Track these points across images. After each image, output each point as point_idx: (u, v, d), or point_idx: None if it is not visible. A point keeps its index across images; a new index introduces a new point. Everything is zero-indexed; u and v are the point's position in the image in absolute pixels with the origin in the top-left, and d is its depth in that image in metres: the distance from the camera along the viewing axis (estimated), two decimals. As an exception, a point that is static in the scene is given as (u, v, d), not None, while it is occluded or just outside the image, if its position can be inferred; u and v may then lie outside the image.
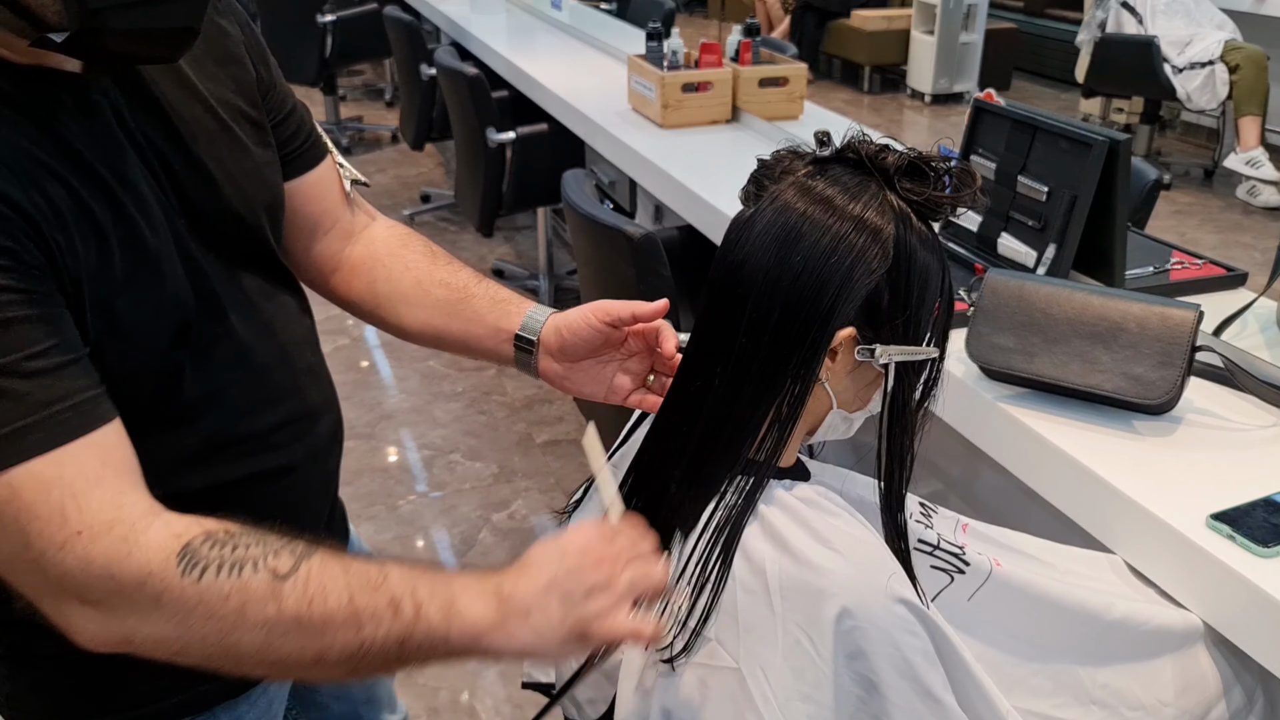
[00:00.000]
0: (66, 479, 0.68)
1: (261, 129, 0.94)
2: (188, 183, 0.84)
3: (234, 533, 0.72)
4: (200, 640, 0.69)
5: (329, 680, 0.72)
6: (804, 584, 0.79)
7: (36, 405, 0.68)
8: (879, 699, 0.77)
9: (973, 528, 1.01)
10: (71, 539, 0.67)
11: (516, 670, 2.26)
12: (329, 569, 0.72)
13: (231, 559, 0.70)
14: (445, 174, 5.21)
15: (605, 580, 0.74)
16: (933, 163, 0.82)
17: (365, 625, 0.70)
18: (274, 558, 0.71)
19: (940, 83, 6.69)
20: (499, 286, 1.03)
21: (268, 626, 0.69)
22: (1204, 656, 1.00)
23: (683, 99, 2.60)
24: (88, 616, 0.69)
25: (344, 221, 1.07)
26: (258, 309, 0.92)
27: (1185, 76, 4.83)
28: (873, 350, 0.82)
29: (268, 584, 0.69)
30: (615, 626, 0.73)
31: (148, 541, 0.69)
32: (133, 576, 0.68)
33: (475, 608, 0.73)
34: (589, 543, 0.76)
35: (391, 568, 0.73)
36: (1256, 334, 1.45)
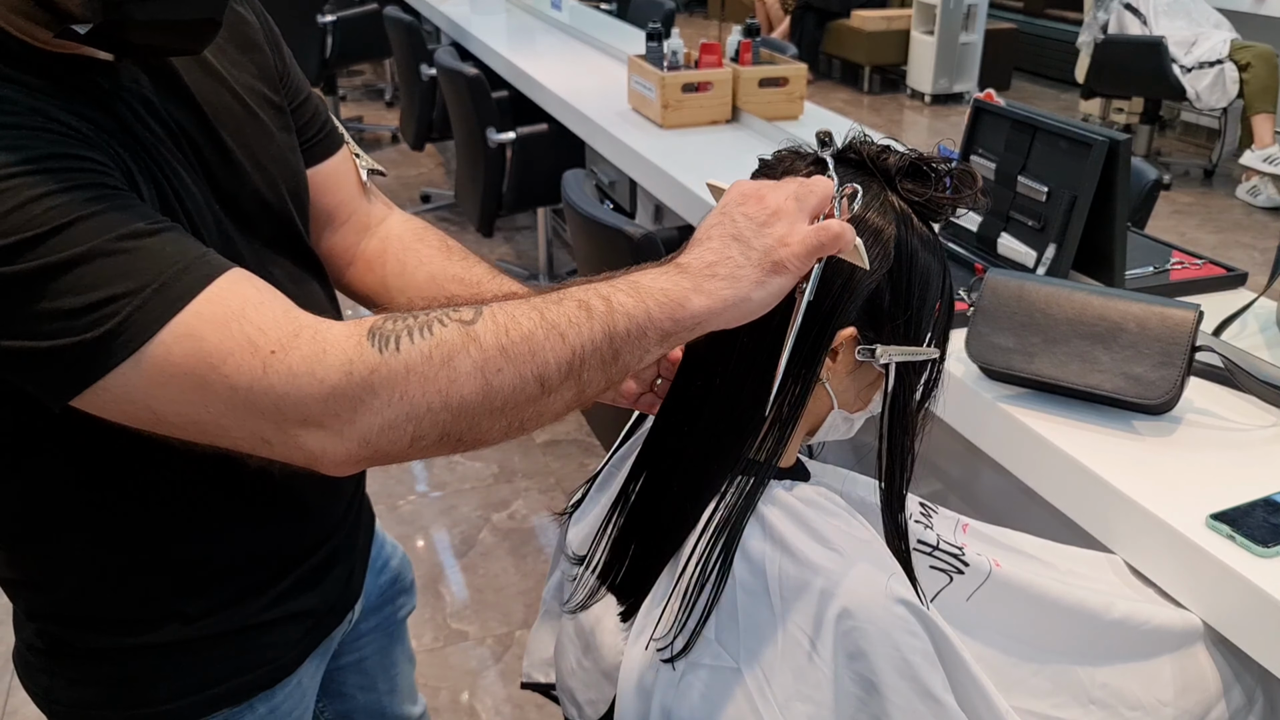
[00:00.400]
0: (235, 310, 0.67)
1: (283, 113, 0.94)
2: (217, 169, 0.84)
3: (409, 308, 0.71)
4: (427, 410, 0.68)
5: (568, 410, 0.70)
6: (804, 584, 0.79)
7: (175, 254, 0.68)
8: (879, 699, 0.77)
9: (973, 528, 1.01)
10: (269, 360, 0.66)
11: (517, 670, 2.26)
12: (509, 303, 0.71)
13: (418, 324, 0.69)
14: (445, 174, 5.21)
15: (774, 208, 0.73)
16: (934, 164, 0.82)
17: (567, 332, 0.69)
18: (455, 311, 0.70)
19: (940, 83, 6.70)
20: (512, 281, 1.01)
21: (480, 368, 0.68)
22: (1204, 656, 1.00)
23: (683, 99, 2.60)
24: (320, 438, 0.68)
25: (360, 213, 1.06)
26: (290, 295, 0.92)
27: (1194, 76, 4.84)
28: (873, 350, 0.82)
29: (460, 331, 0.68)
30: (802, 240, 0.71)
31: (334, 336, 0.68)
32: (338, 371, 0.67)
33: (662, 281, 0.71)
34: (744, 193, 0.75)
35: (568, 284, 0.73)
36: (1256, 334, 1.45)
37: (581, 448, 2.96)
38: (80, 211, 0.65)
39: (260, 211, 0.89)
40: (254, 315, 0.68)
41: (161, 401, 0.67)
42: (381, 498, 2.72)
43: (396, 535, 2.57)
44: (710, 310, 0.71)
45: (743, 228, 0.72)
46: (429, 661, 2.20)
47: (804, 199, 0.73)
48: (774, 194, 0.74)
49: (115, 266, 0.65)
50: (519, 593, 2.40)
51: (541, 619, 1.09)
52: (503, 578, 2.46)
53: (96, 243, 0.65)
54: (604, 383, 0.72)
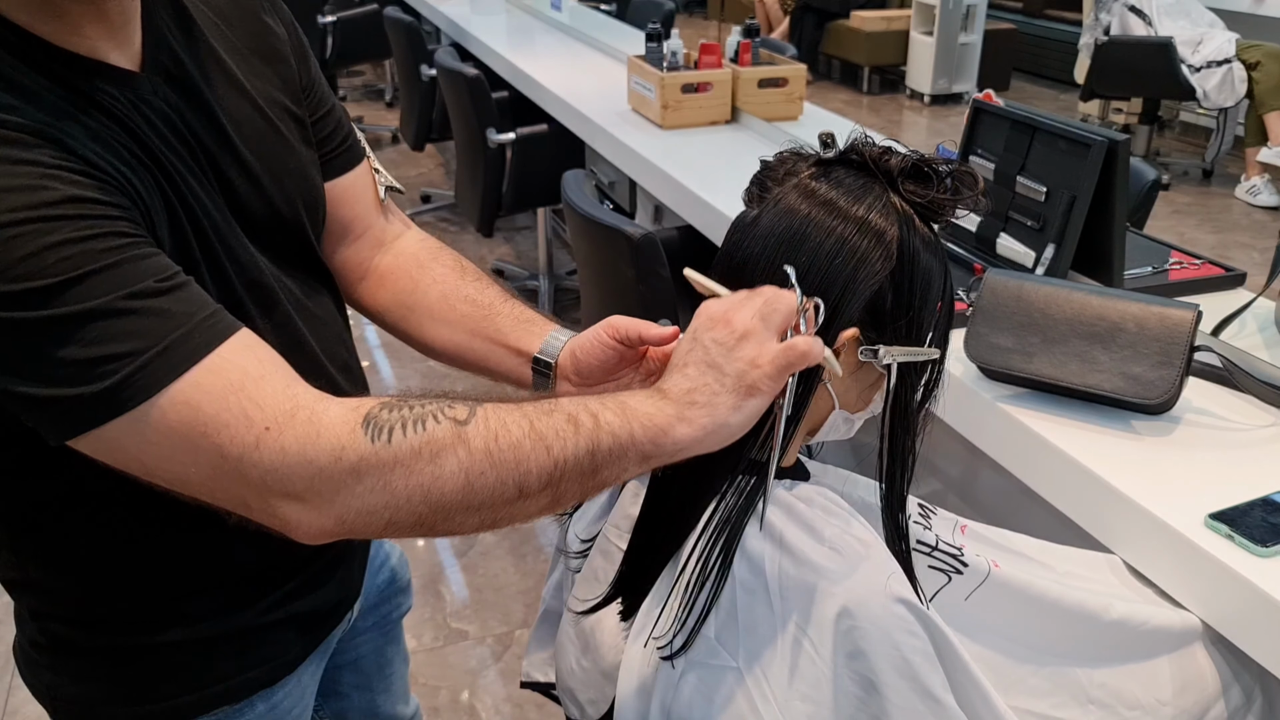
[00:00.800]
0: (235, 383, 0.69)
1: (304, 126, 0.94)
2: (236, 182, 0.85)
3: (404, 396, 0.73)
4: (406, 501, 0.70)
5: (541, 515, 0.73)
6: (804, 583, 0.79)
7: (188, 315, 0.69)
8: (878, 699, 0.77)
9: (971, 529, 1.01)
10: (262, 436, 0.68)
11: (517, 669, 2.26)
12: (502, 407, 0.73)
13: (413, 416, 0.71)
14: (445, 174, 5.21)
15: (742, 330, 0.74)
16: (935, 165, 0.83)
17: (553, 445, 0.71)
18: (450, 408, 0.72)
19: (939, 83, 6.70)
20: (525, 306, 1.02)
21: (464, 470, 0.70)
22: (1202, 656, 1.01)
23: (682, 100, 2.60)
24: (298, 510, 0.70)
25: (376, 228, 1.06)
26: (302, 306, 0.93)
27: (1203, 75, 4.85)
28: (876, 351, 0.82)
29: (452, 430, 0.70)
30: (772, 361, 0.73)
31: (330, 420, 0.70)
32: (328, 455, 0.68)
33: (647, 406, 0.73)
34: (712, 316, 0.76)
35: (559, 397, 0.74)
36: (1255, 334, 1.45)
37: (581, 448, 2.96)
38: (92, 265, 0.66)
39: (276, 225, 0.89)
40: (253, 389, 0.69)
41: (152, 457, 0.69)
42: (381, 498, 2.72)
43: (396, 535, 2.58)
44: (692, 438, 0.73)
45: (715, 354, 0.74)
46: (429, 661, 2.20)
47: (769, 317, 0.75)
48: (739, 315, 0.75)
49: (121, 325, 0.66)
50: (519, 592, 2.40)
51: (541, 618, 1.09)
52: (502, 577, 2.46)
53: (104, 300, 0.66)
54: (580, 495, 0.74)
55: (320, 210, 0.97)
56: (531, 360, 0.98)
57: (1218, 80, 4.82)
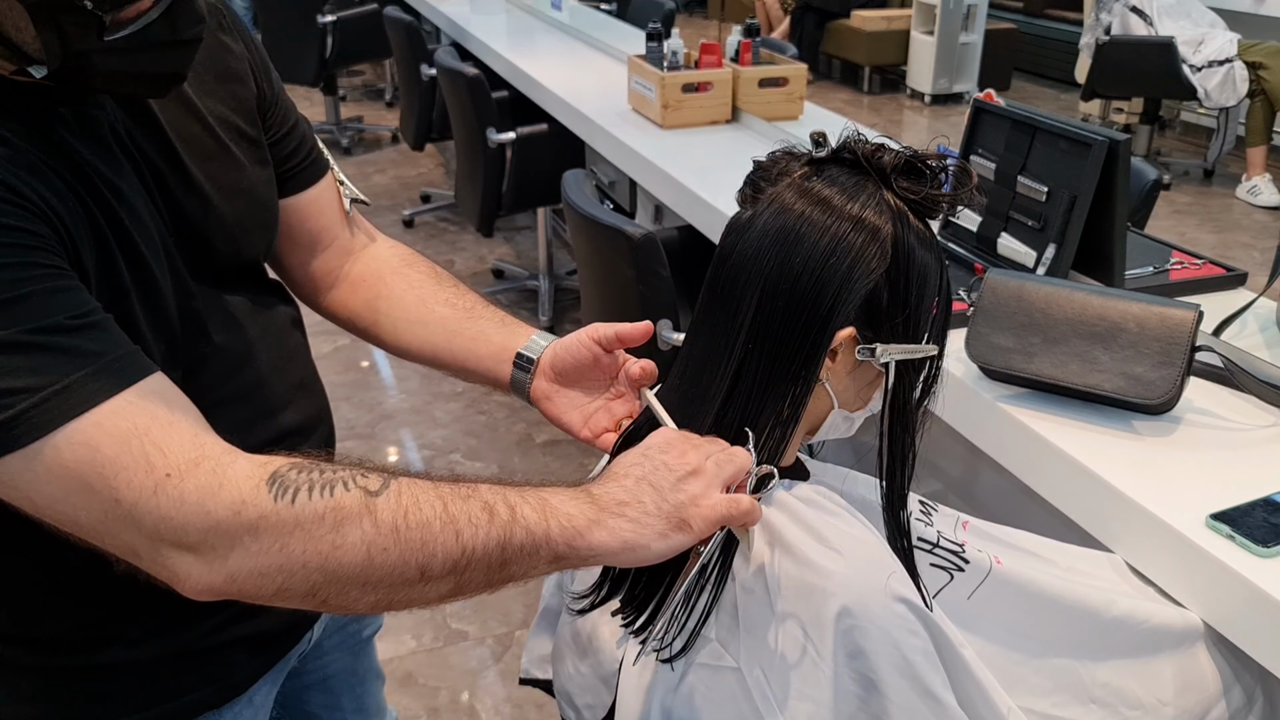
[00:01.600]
0: (142, 427, 0.67)
1: (259, 147, 0.94)
2: (182, 200, 0.84)
3: (317, 459, 0.71)
4: (302, 568, 0.68)
5: (440, 602, 0.71)
6: (804, 583, 0.79)
7: (90, 355, 0.67)
8: (879, 698, 0.77)
9: (973, 525, 1.01)
10: (162, 482, 0.66)
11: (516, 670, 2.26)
12: (418, 484, 0.71)
13: (322, 480, 0.69)
14: (445, 174, 5.21)
15: (693, 467, 0.74)
16: (929, 161, 0.82)
17: (463, 531, 0.69)
18: (362, 477, 0.70)
19: (940, 83, 6.70)
20: (505, 313, 1.03)
21: (367, 543, 0.68)
22: (1203, 656, 1.00)
23: (683, 99, 2.60)
24: (189, 563, 0.68)
25: (342, 239, 1.07)
26: (244, 327, 0.91)
27: (1204, 75, 4.85)
28: (873, 349, 0.82)
29: (361, 500, 0.68)
30: (712, 506, 0.73)
31: (235, 473, 0.68)
32: (227, 508, 0.67)
33: (569, 506, 0.72)
34: (669, 440, 0.77)
35: (479, 482, 0.73)
36: (1256, 334, 1.45)
37: (581, 448, 2.96)
38: (4, 295, 0.65)
39: (223, 243, 0.88)
40: (158, 434, 0.67)
41: (43, 496, 0.67)
42: (381, 498, 2.72)
43: (396, 535, 2.57)
44: (607, 547, 0.71)
45: (661, 477, 0.74)
46: (429, 661, 2.20)
47: (722, 465, 0.75)
48: (696, 451, 0.76)
49: (21, 360, 0.65)
50: (519, 592, 2.40)
51: (540, 615, 1.09)
52: (503, 578, 2.45)
53: (10, 332, 0.64)
54: (484, 586, 0.72)
55: (273, 229, 0.96)
56: (514, 355, 0.97)
57: (1219, 80, 4.82)
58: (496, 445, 2.92)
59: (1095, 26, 5.35)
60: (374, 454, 2.89)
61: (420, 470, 0.74)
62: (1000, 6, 7.44)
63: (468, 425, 3.03)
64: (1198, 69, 4.86)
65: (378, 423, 3.02)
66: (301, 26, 5.11)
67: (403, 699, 2.11)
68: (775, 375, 0.81)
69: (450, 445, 2.94)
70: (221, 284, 0.89)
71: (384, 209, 4.63)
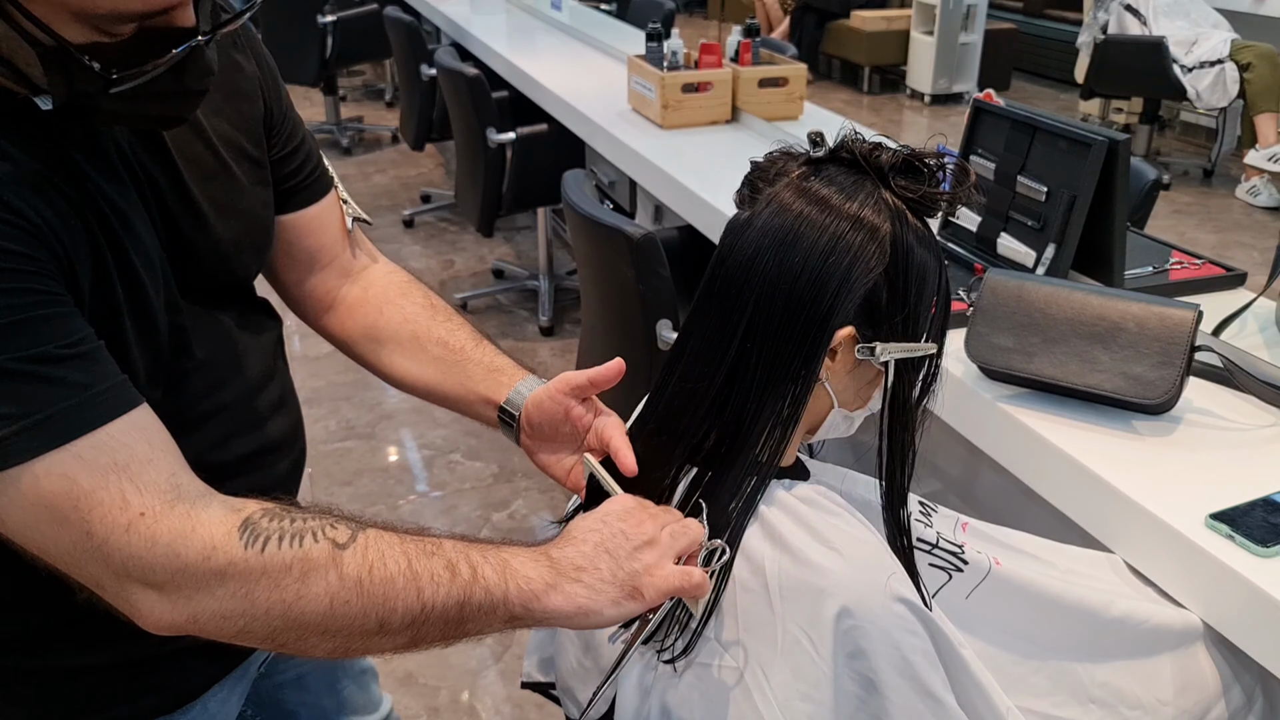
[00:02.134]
0: (120, 463, 0.68)
1: (260, 167, 0.94)
2: (180, 217, 0.84)
3: (290, 506, 0.73)
4: (265, 614, 0.70)
5: (395, 653, 0.74)
6: (804, 583, 0.79)
7: (76, 386, 0.68)
8: (878, 698, 0.77)
9: (972, 526, 1.01)
10: (135, 521, 0.68)
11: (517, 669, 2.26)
12: (385, 538, 0.73)
13: (292, 530, 0.71)
14: (445, 174, 5.21)
15: (649, 537, 0.77)
16: (927, 159, 0.82)
17: (425, 588, 0.71)
18: (331, 529, 0.72)
19: (940, 83, 6.69)
20: (495, 352, 1.03)
21: (330, 594, 0.70)
22: (1203, 656, 1.00)
23: (682, 99, 2.60)
24: (153, 600, 0.69)
25: (342, 259, 1.07)
26: (229, 344, 0.92)
27: (1195, 76, 4.85)
28: (872, 348, 0.82)
29: (328, 552, 0.70)
30: (665, 577, 0.75)
31: (209, 517, 0.70)
32: (197, 552, 0.68)
33: (529, 569, 0.74)
34: (627, 509, 0.79)
35: (443, 538, 0.75)
36: (1255, 334, 1.45)
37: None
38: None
39: (216, 262, 0.89)
40: (136, 471, 0.69)
41: (15, 520, 0.68)
42: (381, 497, 2.72)
43: (396, 535, 2.58)
44: (562, 611, 0.74)
45: (618, 545, 0.76)
46: (429, 661, 2.20)
47: (677, 537, 0.78)
48: (652, 521, 0.78)
49: (10, 387, 0.66)
50: (519, 593, 2.40)
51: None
52: (503, 578, 2.45)
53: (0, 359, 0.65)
54: (440, 640, 0.75)
55: (266, 250, 0.97)
56: (498, 410, 1.00)
57: (1209, 81, 4.82)
58: (496, 445, 2.92)
59: (1093, 25, 5.35)
60: (374, 454, 2.90)
61: (386, 521, 0.76)
62: (1000, 6, 7.44)
63: (467, 425, 3.02)
64: (1189, 69, 4.86)
65: (378, 423, 3.01)
66: (301, 26, 5.10)
67: (403, 699, 2.11)
68: (775, 374, 0.81)
69: (450, 445, 2.94)
70: (209, 301, 0.89)
71: (384, 209, 4.63)
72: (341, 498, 2.71)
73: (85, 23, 0.64)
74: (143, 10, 0.66)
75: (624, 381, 0.96)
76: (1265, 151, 4.73)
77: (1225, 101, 4.85)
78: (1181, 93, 4.92)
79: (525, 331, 3.64)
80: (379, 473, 2.83)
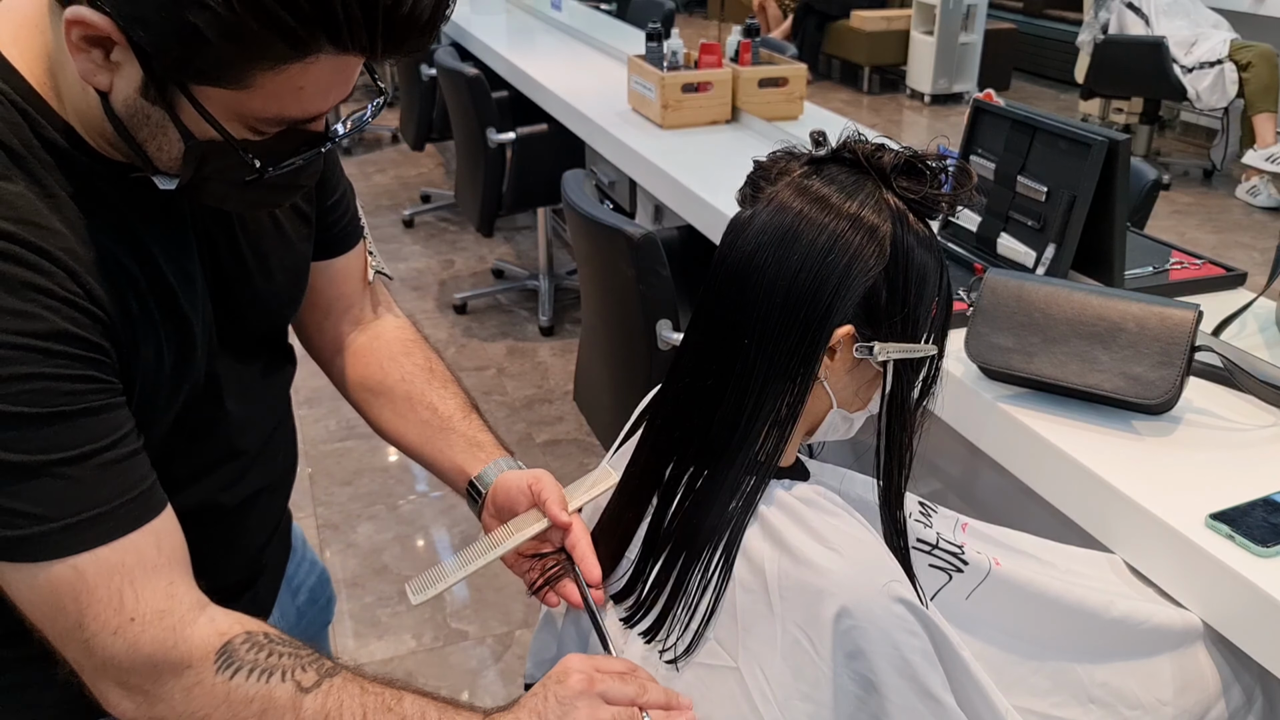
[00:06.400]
0: (128, 566, 0.72)
1: (308, 223, 0.97)
2: (230, 273, 0.87)
3: (272, 637, 0.76)
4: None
5: None
6: (803, 583, 0.79)
7: (111, 495, 0.72)
8: (878, 698, 0.77)
9: (972, 527, 1.01)
10: (125, 625, 0.71)
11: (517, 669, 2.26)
12: (349, 689, 0.76)
13: (264, 665, 0.74)
14: (445, 174, 5.21)
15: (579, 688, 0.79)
16: (929, 161, 0.83)
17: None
18: (301, 671, 0.75)
19: (940, 83, 6.70)
20: (481, 427, 1.05)
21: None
22: (1203, 656, 1.01)
23: (682, 99, 2.60)
24: (120, 697, 0.74)
25: (356, 308, 1.10)
26: (254, 389, 0.95)
27: (1195, 76, 4.85)
28: (870, 348, 0.82)
29: (291, 695, 0.74)
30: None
31: (193, 634, 0.74)
32: (173, 666, 0.73)
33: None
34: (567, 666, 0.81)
35: (407, 695, 0.77)
36: (1255, 334, 1.45)
37: (581, 448, 2.97)
38: (49, 407, 0.68)
39: (257, 314, 0.92)
40: (139, 577, 0.72)
41: (17, 594, 0.72)
42: (381, 497, 2.72)
43: (396, 535, 2.58)
44: None
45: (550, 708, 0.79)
46: (429, 661, 2.20)
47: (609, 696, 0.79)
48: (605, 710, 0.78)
49: (46, 487, 0.69)
50: (519, 592, 2.40)
51: (543, 620, 1.09)
52: (503, 577, 2.46)
53: (42, 459, 0.69)
54: None
55: (300, 301, 1.00)
56: (468, 483, 1.02)
57: (1209, 81, 4.82)
58: (496, 445, 2.92)
59: (1094, 24, 5.36)
60: (374, 454, 2.90)
61: (358, 667, 0.79)
62: (1000, 6, 7.44)
63: (468, 425, 3.03)
64: (1189, 70, 4.86)
65: (378, 423, 3.01)
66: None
67: (403, 699, 2.10)
68: (774, 372, 0.81)
69: (450, 445, 2.93)
70: (244, 352, 0.93)
71: (384, 209, 4.63)
72: (341, 498, 2.72)
73: (243, 122, 0.70)
74: (299, 117, 0.71)
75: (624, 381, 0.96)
76: (1263, 151, 4.73)
77: (1224, 102, 4.85)
78: (1181, 93, 4.92)
79: (525, 331, 3.64)
80: (379, 472, 2.83)
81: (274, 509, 1.06)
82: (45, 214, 0.70)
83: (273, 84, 0.66)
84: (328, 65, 0.67)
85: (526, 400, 3.19)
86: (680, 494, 0.86)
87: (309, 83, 0.68)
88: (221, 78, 0.66)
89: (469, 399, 1.08)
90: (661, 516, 0.87)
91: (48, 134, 0.72)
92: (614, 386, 2.03)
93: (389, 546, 2.54)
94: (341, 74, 0.69)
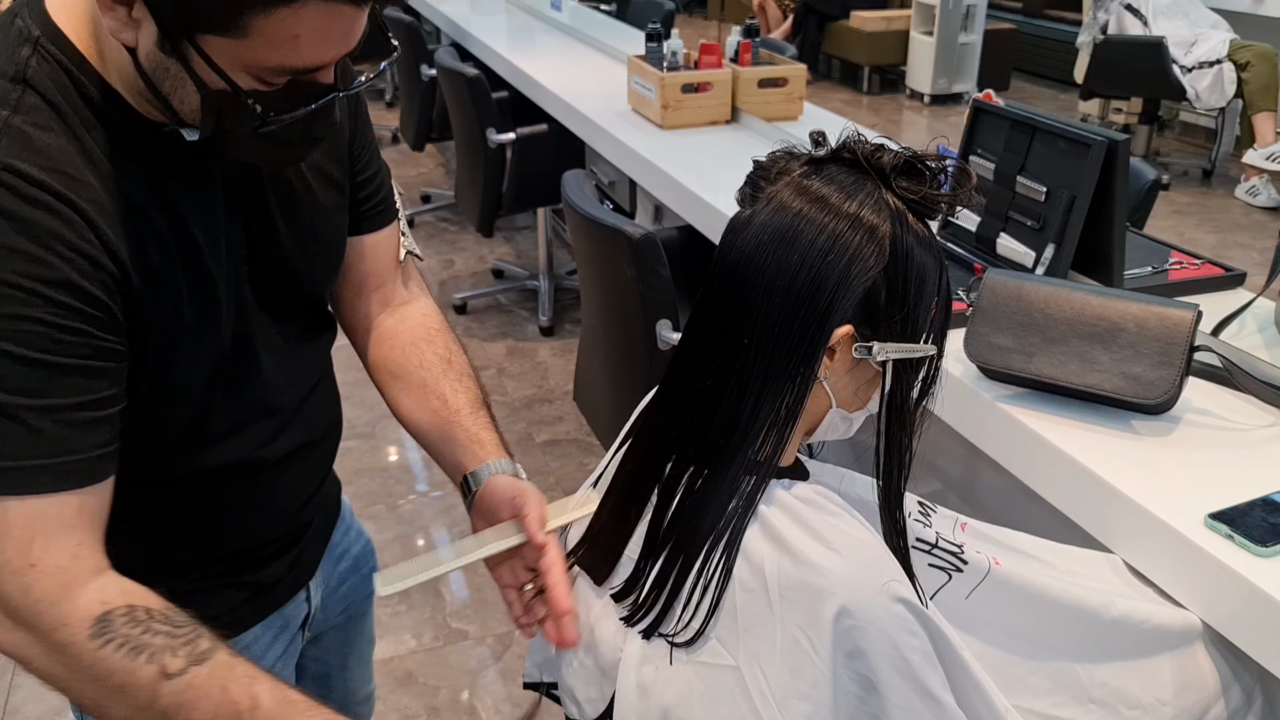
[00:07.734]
0: (48, 519, 0.75)
1: (342, 192, 0.99)
2: (261, 237, 0.90)
3: (154, 613, 0.78)
4: (79, 693, 0.77)
5: None
6: (803, 583, 0.79)
7: (59, 451, 0.75)
8: (878, 698, 0.77)
9: (972, 526, 1.01)
10: (25, 569, 0.74)
11: (517, 669, 2.27)
12: (211, 683, 0.77)
13: (136, 642, 0.76)
14: (445, 174, 5.21)
15: None
16: (928, 161, 0.83)
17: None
18: (171, 655, 0.76)
19: (939, 83, 6.70)
20: (486, 425, 1.06)
21: (136, 710, 0.76)
22: (1203, 655, 1.01)
23: (682, 99, 2.60)
24: (8, 630, 0.76)
25: (387, 287, 1.11)
26: (291, 350, 0.98)
27: (1194, 76, 4.85)
28: (870, 347, 0.82)
29: (152, 678, 0.76)
30: None
31: (77, 596, 0.76)
32: (51, 621, 0.75)
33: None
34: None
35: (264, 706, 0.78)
36: (1255, 334, 1.45)
37: (581, 447, 2.97)
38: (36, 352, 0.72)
39: (289, 279, 0.95)
40: (54, 531, 0.75)
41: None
42: (381, 497, 2.72)
43: (396, 535, 2.58)
44: None
45: None
46: (429, 660, 2.20)
47: None
48: None
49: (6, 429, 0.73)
50: (519, 592, 2.40)
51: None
52: (502, 577, 2.46)
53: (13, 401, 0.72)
54: None
55: (336, 270, 1.03)
56: (462, 479, 1.03)
57: (1209, 81, 4.83)
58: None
59: (1093, 25, 5.36)
60: (374, 454, 2.90)
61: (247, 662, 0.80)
62: (999, 6, 7.44)
63: (467, 425, 3.03)
64: (1188, 70, 4.87)
65: (378, 422, 3.01)
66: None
67: (403, 698, 2.11)
68: (773, 372, 0.81)
69: (450, 445, 2.94)
70: (279, 313, 0.96)
71: (384, 209, 4.62)
72: (341, 498, 2.72)
73: (250, 73, 0.73)
74: (302, 66, 0.74)
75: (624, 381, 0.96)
76: (1263, 151, 4.73)
77: (1223, 102, 4.86)
78: (1181, 93, 4.93)
79: (525, 331, 3.64)
80: (379, 472, 2.83)
81: (316, 467, 1.08)
82: (79, 165, 0.75)
83: (269, 30, 0.70)
84: (317, 12, 0.70)
85: (526, 400, 3.19)
86: (680, 494, 0.86)
87: (304, 30, 0.71)
88: (221, 25, 0.69)
89: (481, 395, 1.09)
90: (661, 516, 0.87)
91: (90, 93, 0.77)
92: (614, 386, 2.03)
93: (389, 546, 2.54)
94: (337, 22, 0.72)
